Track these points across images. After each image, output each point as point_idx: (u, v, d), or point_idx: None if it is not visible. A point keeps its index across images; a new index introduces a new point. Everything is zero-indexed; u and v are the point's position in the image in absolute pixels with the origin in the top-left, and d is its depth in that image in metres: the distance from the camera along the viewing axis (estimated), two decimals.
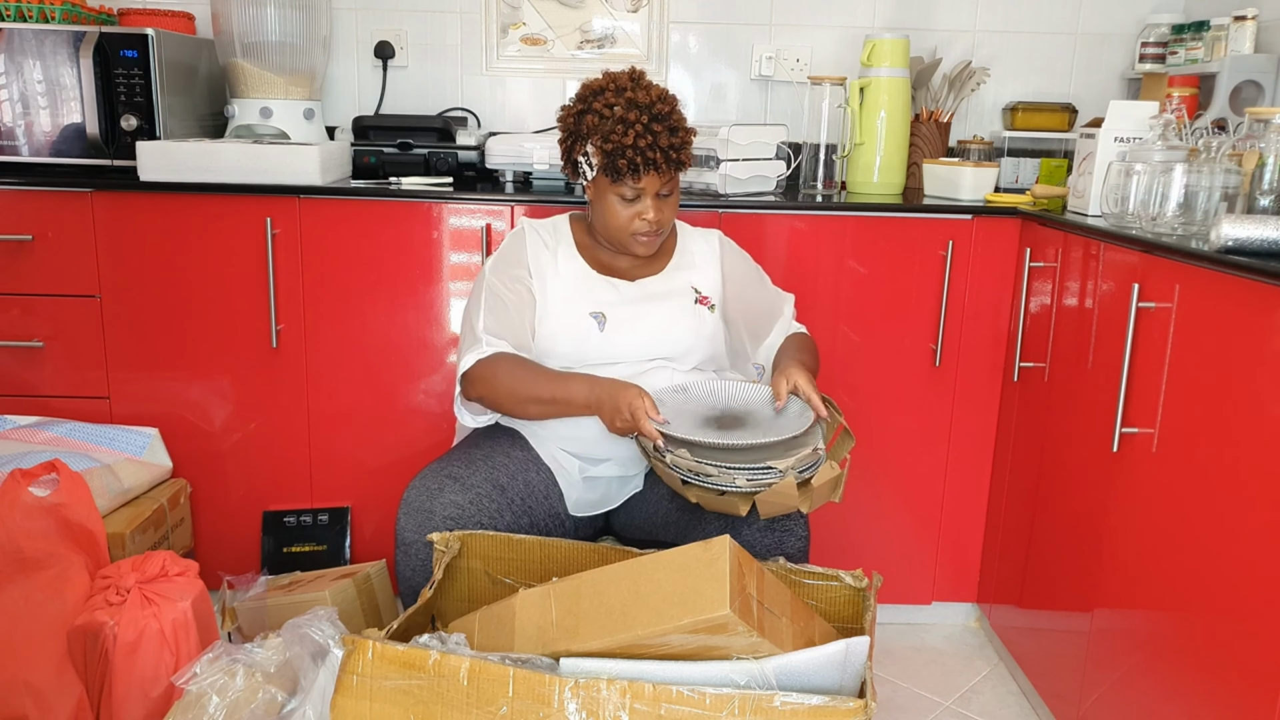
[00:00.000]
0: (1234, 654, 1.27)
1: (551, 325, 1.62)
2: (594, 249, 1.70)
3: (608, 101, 1.55)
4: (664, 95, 1.57)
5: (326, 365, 2.06)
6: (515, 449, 1.62)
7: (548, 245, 1.68)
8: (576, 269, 1.67)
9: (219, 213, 1.99)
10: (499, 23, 2.50)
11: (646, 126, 1.52)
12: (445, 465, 1.55)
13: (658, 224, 1.59)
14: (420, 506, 1.49)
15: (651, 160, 1.53)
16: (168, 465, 2.04)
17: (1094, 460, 1.66)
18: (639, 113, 1.52)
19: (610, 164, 1.54)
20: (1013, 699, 2.02)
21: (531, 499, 1.58)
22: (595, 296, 1.64)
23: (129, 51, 2.04)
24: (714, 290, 1.71)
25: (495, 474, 1.56)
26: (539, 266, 1.65)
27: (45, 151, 2.08)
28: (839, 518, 2.16)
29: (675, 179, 1.61)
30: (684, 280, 1.69)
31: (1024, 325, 1.98)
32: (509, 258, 1.66)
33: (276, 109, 2.24)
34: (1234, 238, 1.30)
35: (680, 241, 1.74)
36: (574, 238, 1.70)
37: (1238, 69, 2.06)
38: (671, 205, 1.62)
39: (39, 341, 2.03)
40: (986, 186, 2.13)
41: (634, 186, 1.56)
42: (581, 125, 1.57)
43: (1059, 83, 2.54)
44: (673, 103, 1.58)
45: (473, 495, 1.50)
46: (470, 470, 1.54)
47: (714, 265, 1.73)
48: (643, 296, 1.66)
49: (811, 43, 2.50)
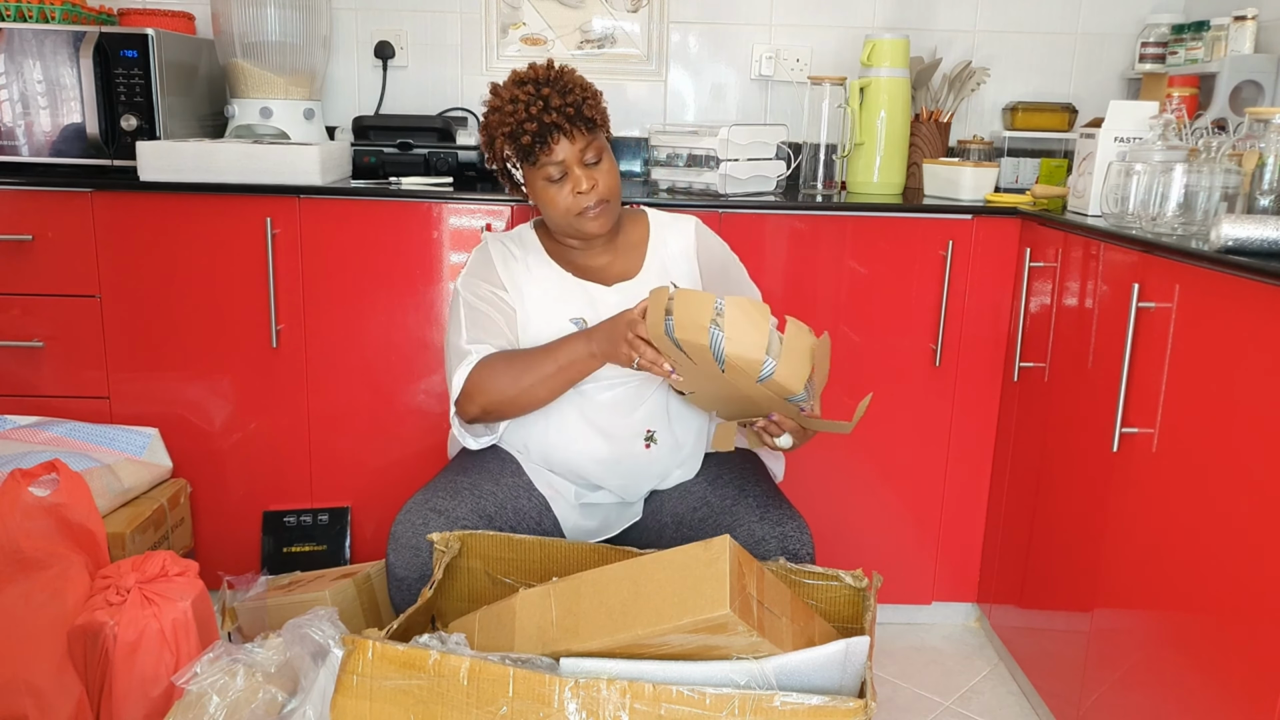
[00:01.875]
0: (1234, 653, 1.27)
1: (534, 334, 1.57)
2: (563, 252, 1.64)
3: (500, 93, 1.53)
4: (551, 67, 1.53)
5: (326, 365, 2.06)
6: (506, 475, 1.58)
7: (515, 255, 1.63)
8: (550, 274, 1.62)
9: (219, 213, 1.99)
10: (499, 23, 2.50)
11: (535, 95, 1.48)
12: (430, 497, 1.51)
13: (596, 194, 1.53)
14: (407, 543, 1.47)
15: (551, 124, 1.47)
16: (168, 465, 2.05)
17: (1094, 460, 1.66)
18: (526, 86, 1.49)
19: (517, 145, 1.50)
20: (1013, 699, 2.02)
21: (521, 527, 1.55)
22: (574, 302, 1.60)
23: (129, 51, 2.04)
24: (692, 283, 1.65)
25: (482, 503, 1.52)
26: (511, 277, 1.61)
27: (45, 151, 2.08)
28: (839, 518, 2.16)
29: (597, 143, 1.53)
30: (660, 278, 1.63)
31: (1024, 325, 1.98)
32: (479, 273, 1.62)
33: (276, 109, 2.24)
34: (1234, 238, 1.30)
35: (654, 235, 1.67)
36: (542, 244, 1.65)
37: (1238, 69, 2.06)
38: (606, 172, 1.54)
39: (39, 341, 2.03)
40: (986, 186, 2.13)
41: (552, 162, 1.50)
42: (488, 124, 1.54)
43: (1059, 83, 2.54)
44: (563, 70, 1.53)
45: (459, 530, 1.48)
46: (455, 502, 1.51)
47: (689, 259, 1.67)
48: (623, 293, 1.61)
49: (811, 43, 2.50)
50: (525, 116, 1.48)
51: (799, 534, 1.48)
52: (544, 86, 1.49)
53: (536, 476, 1.60)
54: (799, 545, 1.48)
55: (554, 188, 1.53)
